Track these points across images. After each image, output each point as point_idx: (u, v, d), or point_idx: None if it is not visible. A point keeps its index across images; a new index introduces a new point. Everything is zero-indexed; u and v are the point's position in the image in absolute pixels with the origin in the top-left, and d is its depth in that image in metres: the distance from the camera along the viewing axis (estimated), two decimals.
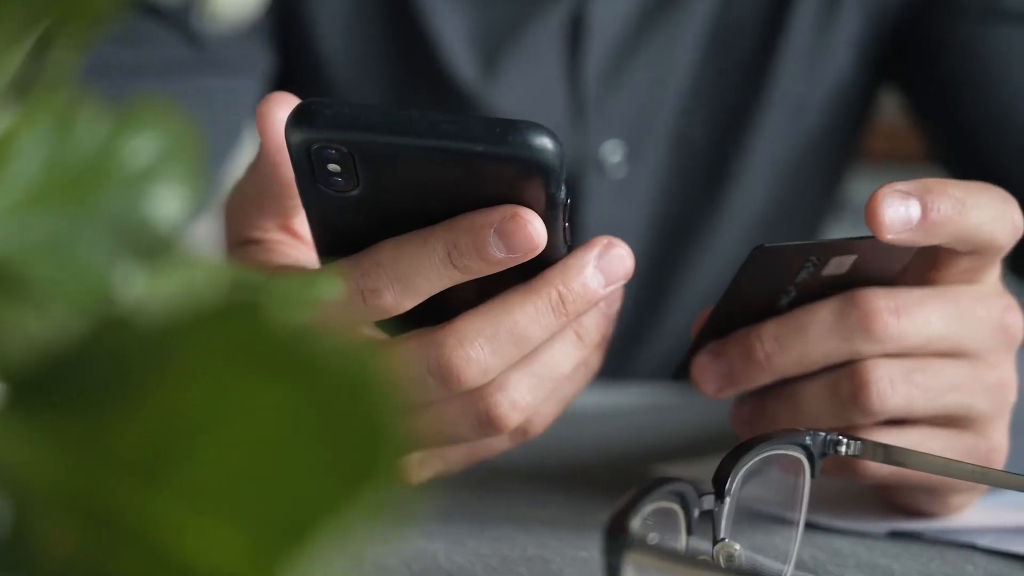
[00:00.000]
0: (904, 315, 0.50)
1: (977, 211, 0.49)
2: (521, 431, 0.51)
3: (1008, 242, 0.50)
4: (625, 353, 0.95)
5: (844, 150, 1.00)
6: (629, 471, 0.65)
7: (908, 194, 0.48)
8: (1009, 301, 0.52)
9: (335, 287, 0.26)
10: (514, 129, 0.41)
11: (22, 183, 0.23)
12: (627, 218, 0.93)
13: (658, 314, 0.96)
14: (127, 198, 0.24)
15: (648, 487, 0.37)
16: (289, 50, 0.90)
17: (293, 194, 0.46)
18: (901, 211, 0.48)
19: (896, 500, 0.55)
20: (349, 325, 0.46)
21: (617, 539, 0.34)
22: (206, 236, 0.55)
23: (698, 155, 0.93)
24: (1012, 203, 0.50)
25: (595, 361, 0.52)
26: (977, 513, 0.56)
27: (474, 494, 0.58)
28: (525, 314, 0.45)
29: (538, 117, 0.42)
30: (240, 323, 0.20)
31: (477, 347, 0.45)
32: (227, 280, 0.24)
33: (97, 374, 0.21)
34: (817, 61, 0.92)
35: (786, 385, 0.52)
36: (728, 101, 0.93)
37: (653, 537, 0.34)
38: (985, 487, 0.55)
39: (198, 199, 0.25)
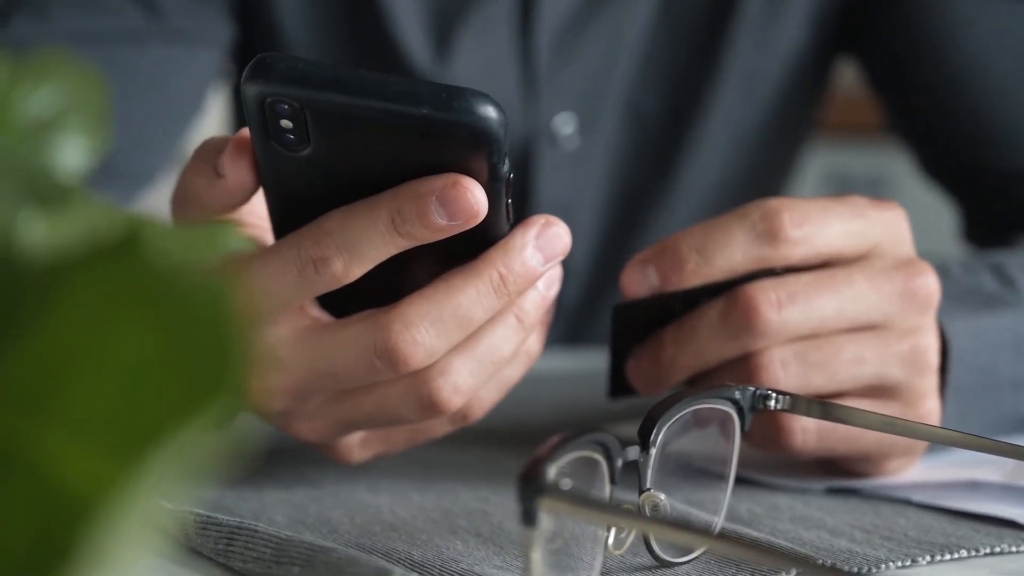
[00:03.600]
0: (786, 306, 0.51)
1: (723, 251, 0.52)
2: (461, 415, 0.52)
3: (764, 256, 0.52)
4: (582, 320, 0.96)
5: (800, 121, 1.01)
6: None
7: (646, 262, 0.53)
8: (917, 267, 0.54)
9: (238, 239, 0.27)
10: (460, 95, 0.42)
11: None
12: (581, 189, 0.94)
13: (614, 282, 0.96)
14: (29, 147, 0.25)
15: (568, 436, 0.37)
16: (247, 22, 0.90)
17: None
18: (641, 279, 0.53)
19: (834, 462, 0.56)
20: (230, 269, 0.47)
21: (531, 485, 0.34)
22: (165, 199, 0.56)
23: (651, 126, 0.94)
24: (763, 217, 0.52)
25: (535, 345, 0.53)
26: (914, 471, 0.57)
27: (421, 454, 0.59)
28: (467, 296, 0.46)
29: (490, 91, 0.43)
30: (119, 262, 0.21)
31: (422, 330, 0.46)
32: (122, 225, 0.25)
33: None
34: (770, 33, 0.93)
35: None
36: (681, 73, 0.93)
37: (566, 483, 0.35)
38: (923, 450, 0.57)
39: (101, 149, 0.26)
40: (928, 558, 0.47)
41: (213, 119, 1.14)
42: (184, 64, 0.85)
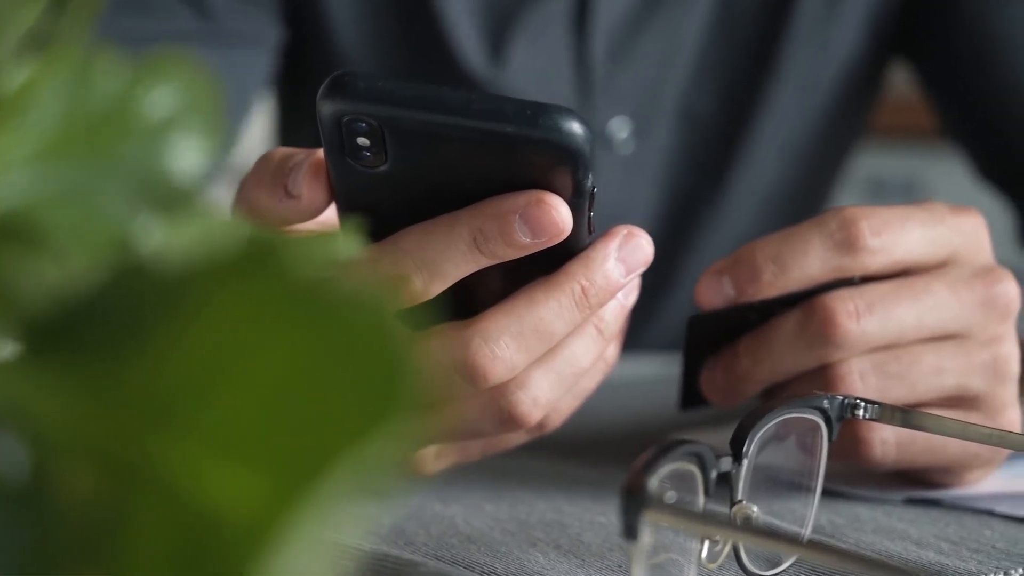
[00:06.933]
0: (865, 316, 0.50)
1: (800, 261, 0.51)
2: (538, 426, 0.51)
3: (846, 266, 0.51)
4: (636, 326, 0.95)
5: (853, 125, 0.99)
6: (642, 439, 0.65)
7: (721, 273, 0.52)
8: (997, 275, 0.52)
9: (352, 246, 0.26)
10: (545, 112, 0.41)
11: (40, 133, 0.22)
12: (635, 193, 0.93)
13: (668, 287, 0.96)
14: (146, 149, 0.24)
15: (666, 448, 0.36)
16: (297, 25, 0.89)
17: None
18: (716, 290, 0.52)
19: (912, 472, 0.55)
20: (366, 276, 0.46)
21: (635, 498, 0.33)
22: (220, 200, 0.55)
23: (706, 131, 0.93)
24: (841, 226, 0.51)
25: (612, 354, 0.52)
26: (994, 481, 0.56)
27: (489, 461, 0.58)
28: (549, 310, 0.45)
29: (546, 95, 0.42)
30: (258, 272, 0.20)
31: (503, 345, 0.45)
32: (244, 234, 0.24)
33: (115, 321, 0.21)
34: (826, 37, 0.92)
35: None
36: (736, 77, 0.92)
37: (671, 496, 0.34)
38: (1001, 460, 0.55)
39: (216, 152, 0.25)
40: (1021, 570, 0.45)
41: (258, 121, 1.14)
42: (235, 66, 0.84)
